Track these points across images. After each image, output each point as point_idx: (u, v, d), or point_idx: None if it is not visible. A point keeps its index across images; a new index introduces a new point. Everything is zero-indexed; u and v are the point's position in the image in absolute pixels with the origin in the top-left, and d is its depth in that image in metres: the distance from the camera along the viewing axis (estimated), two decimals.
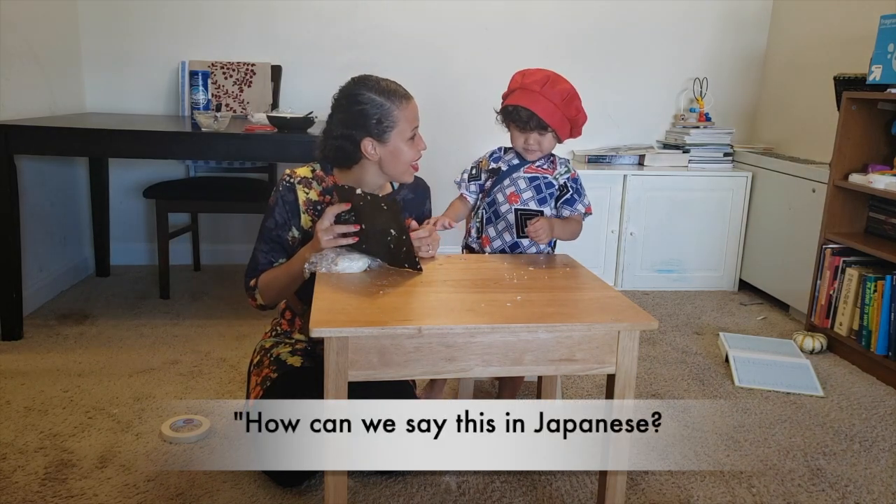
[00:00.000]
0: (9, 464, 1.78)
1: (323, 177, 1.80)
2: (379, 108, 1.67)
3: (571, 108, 1.85)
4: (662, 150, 3.62)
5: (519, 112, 1.84)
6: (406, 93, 1.73)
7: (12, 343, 2.54)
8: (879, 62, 2.56)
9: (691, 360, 2.63)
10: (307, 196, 1.77)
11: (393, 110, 1.68)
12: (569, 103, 1.84)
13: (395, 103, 1.69)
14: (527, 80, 1.85)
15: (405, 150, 1.71)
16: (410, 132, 1.72)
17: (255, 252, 1.79)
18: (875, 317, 2.53)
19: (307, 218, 1.77)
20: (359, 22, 3.47)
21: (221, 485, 1.72)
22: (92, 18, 3.32)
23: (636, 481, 1.81)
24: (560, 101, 1.82)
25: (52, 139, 2.49)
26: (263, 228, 1.78)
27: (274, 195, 1.77)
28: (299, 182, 1.77)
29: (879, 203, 2.75)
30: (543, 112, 1.80)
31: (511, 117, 1.88)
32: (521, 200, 1.91)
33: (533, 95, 1.81)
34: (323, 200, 1.78)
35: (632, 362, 1.38)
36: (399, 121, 1.69)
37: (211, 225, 3.62)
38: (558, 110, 1.81)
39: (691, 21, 3.70)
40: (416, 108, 1.74)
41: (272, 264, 1.77)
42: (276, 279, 1.74)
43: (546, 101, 1.80)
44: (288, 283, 1.72)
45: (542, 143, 1.88)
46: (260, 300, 1.78)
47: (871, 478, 1.89)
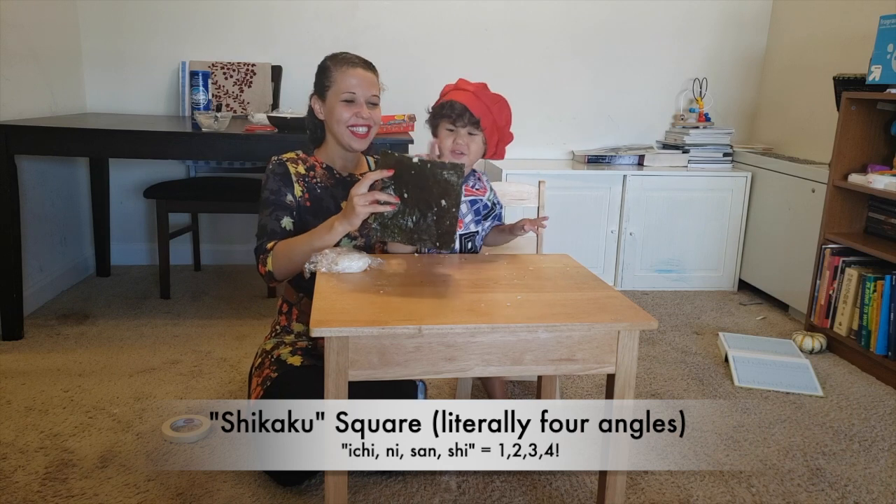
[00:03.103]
0: (9, 463, 1.78)
1: (306, 157, 1.88)
2: (324, 69, 1.83)
3: (503, 116, 1.84)
4: (662, 151, 3.63)
5: (453, 105, 1.79)
6: (357, 61, 1.82)
7: (13, 343, 2.55)
8: (879, 62, 2.56)
9: (691, 360, 2.64)
10: (296, 169, 1.83)
11: (332, 70, 1.81)
12: (501, 109, 1.84)
13: (337, 65, 1.80)
14: (461, 84, 1.86)
15: (339, 110, 1.79)
16: (347, 94, 1.78)
17: (261, 219, 1.78)
18: (874, 317, 2.54)
19: (299, 188, 1.81)
20: (358, 22, 3.48)
21: (221, 485, 1.72)
22: (92, 18, 3.32)
23: (636, 481, 1.81)
24: (493, 105, 1.82)
25: (52, 139, 2.50)
26: (262, 199, 1.80)
27: (265, 174, 1.82)
28: (287, 160, 1.85)
29: (879, 203, 2.75)
30: (477, 109, 1.79)
31: (443, 112, 1.82)
32: (464, 225, 1.89)
33: (467, 94, 1.81)
34: (309, 175, 1.84)
35: (631, 362, 1.38)
36: (336, 81, 1.79)
37: (211, 225, 3.62)
38: (491, 113, 1.81)
39: (691, 21, 3.70)
40: (364, 76, 1.80)
41: (280, 221, 1.76)
42: (294, 244, 1.68)
43: (480, 101, 1.81)
44: (308, 250, 1.64)
45: (470, 145, 1.82)
46: (269, 266, 1.70)
47: (870, 477, 1.89)
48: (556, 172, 3.35)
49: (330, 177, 1.86)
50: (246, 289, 3.27)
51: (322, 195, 1.82)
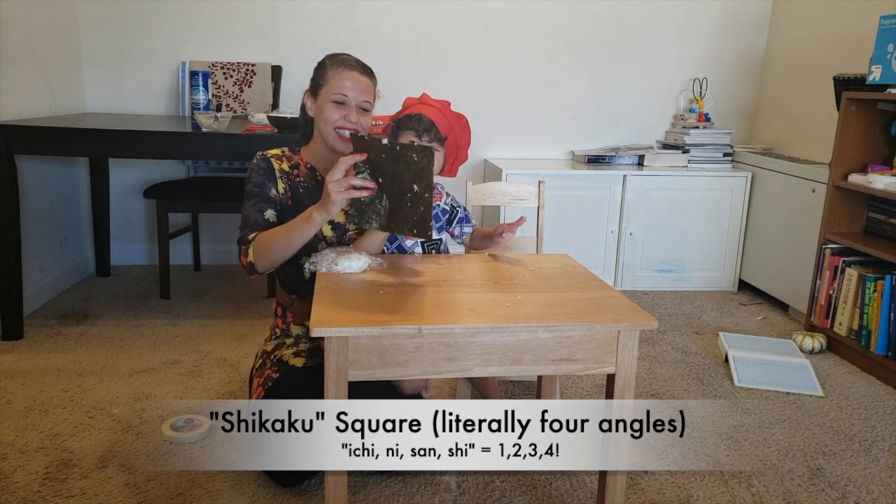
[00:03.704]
0: (9, 463, 1.78)
1: (291, 155, 1.87)
2: (321, 67, 1.83)
3: (464, 137, 1.85)
4: (662, 151, 3.62)
5: (421, 118, 1.79)
6: (355, 65, 1.81)
7: (13, 343, 2.54)
8: (879, 62, 2.56)
9: (691, 360, 2.64)
10: (280, 166, 1.83)
11: (328, 70, 1.80)
12: (463, 129, 1.86)
13: (334, 65, 1.80)
14: (426, 99, 1.86)
15: (328, 109, 1.77)
16: (339, 95, 1.77)
17: (244, 210, 1.77)
18: (874, 317, 2.54)
19: (282, 185, 1.80)
20: (358, 22, 3.48)
21: (221, 485, 1.72)
22: (92, 18, 3.32)
23: (636, 481, 1.81)
24: (456, 123, 1.84)
25: (52, 139, 2.49)
26: (246, 191, 1.79)
27: (249, 168, 1.83)
28: (272, 157, 1.84)
29: (879, 203, 2.75)
30: (443, 126, 1.81)
31: (410, 124, 1.81)
32: None
33: (433, 110, 1.82)
34: (293, 172, 1.83)
35: (631, 362, 1.38)
36: (329, 80, 1.79)
37: (211, 225, 3.62)
38: (454, 131, 1.83)
39: (691, 21, 3.70)
40: (359, 80, 1.79)
41: (263, 213, 1.75)
42: (274, 235, 1.66)
43: (445, 119, 1.82)
44: (286, 243, 1.63)
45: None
46: (251, 257, 1.69)
47: (870, 477, 1.89)
48: (556, 172, 3.35)
49: (312, 177, 1.84)
50: (246, 289, 3.27)
51: (304, 195, 1.81)
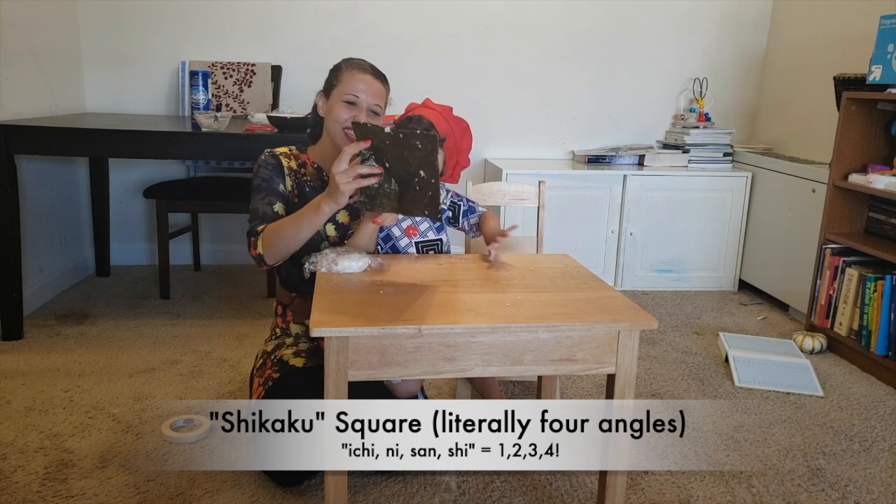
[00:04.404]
0: (9, 464, 1.78)
1: (298, 154, 1.88)
2: (336, 69, 1.83)
3: (465, 141, 1.86)
4: (662, 150, 3.62)
5: (421, 119, 1.81)
6: (368, 69, 1.81)
7: (12, 343, 2.54)
8: (879, 62, 2.56)
9: (691, 360, 2.63)
10: (288, 164, 1.83)
11: (342, 71, 1.81)
12: (464, 133, 1.86)
13: (349, 68, 1.81)
14: (428, 103, 1.87)
15: (338, 109, 1.77)
16: (350, 96, 1.77)
17: (253, 203, 1.77)
18: (875, 317, 2.54)
19: (290, 182, 1.81)
20: (358, 22, 3.48)
21: (221, 485, 1.72)
22: (92, 18, 3.32)
23: (636, 481, 1.81)
24: (457, 127, 1.84)
25: (52, 139, 2.49)
26: (254, 186, 1.79)
27: (257, 165, 1.82)
28: (280, 154, 1.85)
29: (879, 203, 2.75)
30: (443, 128, 1.81)
31: (409, 125, 1.82)
32: (420, 232, 1.90)
33: (434, 113, 1.83)
34: (300, 171, 1.83)
35: (632, 362, 1.38)
36: (343, 81, 1.79)
37: (211, 225, 3.62)
38: (454, 134, 1.83)
39: (691, 21, 3.70)
40: (371, 84, 1.79)
41: (272, 206, 1.75)
42: (282, 226, 1.66)
43: (445, 122, 1.82)
44: (295, 233, 1.63)
45: None
46: (259, 248, 1.69)
47: (870, 478, 1.89)
48: (556, 172, 3.34)
49: (318, 177, 1.84)
50: (246, 289, 3.27)
51: (310, 194, 1.81)
